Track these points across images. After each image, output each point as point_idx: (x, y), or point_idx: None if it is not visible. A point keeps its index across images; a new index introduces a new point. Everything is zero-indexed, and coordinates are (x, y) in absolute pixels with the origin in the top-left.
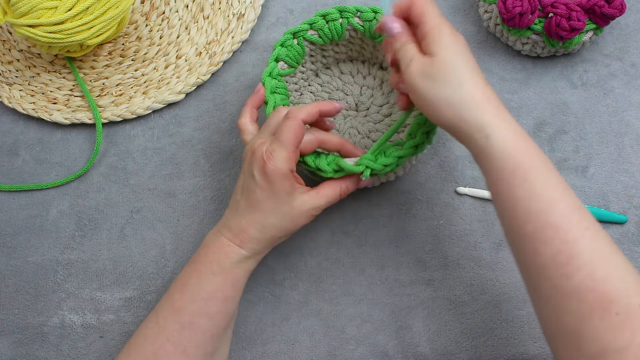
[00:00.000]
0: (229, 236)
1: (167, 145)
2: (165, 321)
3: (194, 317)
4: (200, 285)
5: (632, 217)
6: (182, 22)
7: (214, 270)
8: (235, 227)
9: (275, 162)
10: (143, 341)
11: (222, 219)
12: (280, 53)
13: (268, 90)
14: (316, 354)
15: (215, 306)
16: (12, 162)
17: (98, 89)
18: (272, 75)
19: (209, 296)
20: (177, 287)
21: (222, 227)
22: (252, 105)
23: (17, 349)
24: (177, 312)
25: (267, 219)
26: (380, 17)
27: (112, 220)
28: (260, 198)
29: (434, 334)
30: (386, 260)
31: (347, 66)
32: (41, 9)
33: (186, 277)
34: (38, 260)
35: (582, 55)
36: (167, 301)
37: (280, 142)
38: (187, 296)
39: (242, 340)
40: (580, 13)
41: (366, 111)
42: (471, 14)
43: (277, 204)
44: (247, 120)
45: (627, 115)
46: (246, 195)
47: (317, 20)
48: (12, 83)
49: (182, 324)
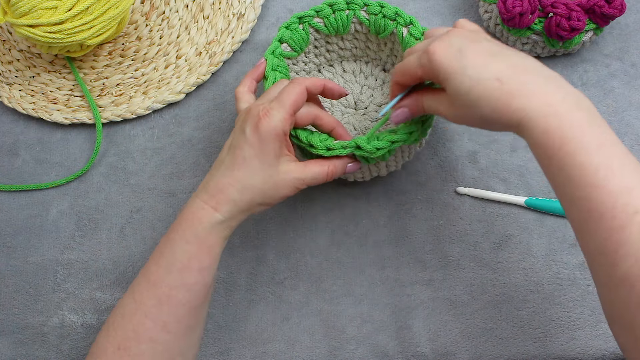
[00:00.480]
0: (205, 198)
1: (167, 145)
2: (141, 296)
3: (171, 290)
4: (175, 256)
5: None
6: (182, 22)
7: (188, 239)
8: (213, 187)
9: (271, 120)
10: (121, 319)
11: (202, 183)
12: (284, 34)
13: (269, 66)
14: (316, 354)
15: (193, 277)
16: (12, 162)
17: (98, 89)
18: (274, 54)
19: (183, 266)
20: (153, 259)
21: (200, 189)
22: (251, 76)
23: (17, 349)
24: (153, 286)
25: (250, 179)
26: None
27: (112, 220)
28: (246, 155)
29: (434, 334)
30: (386, 261)
31: (350, 65)
32: (41, 9)
33: (161, 247)
34: (38, 260)
35: (582, 55)
36: (143, 275)
37: (280, 102)
38: (163, 268)
39: (243, 340)
40: (580, 13)
41: (364, 109)
42: (471, 14)
43: (263, 164)
44: (245, 89)
45: (627, 115)
46: (232, 152)
47: (323, 8)
48: (12, 83)
49: (160, 298)
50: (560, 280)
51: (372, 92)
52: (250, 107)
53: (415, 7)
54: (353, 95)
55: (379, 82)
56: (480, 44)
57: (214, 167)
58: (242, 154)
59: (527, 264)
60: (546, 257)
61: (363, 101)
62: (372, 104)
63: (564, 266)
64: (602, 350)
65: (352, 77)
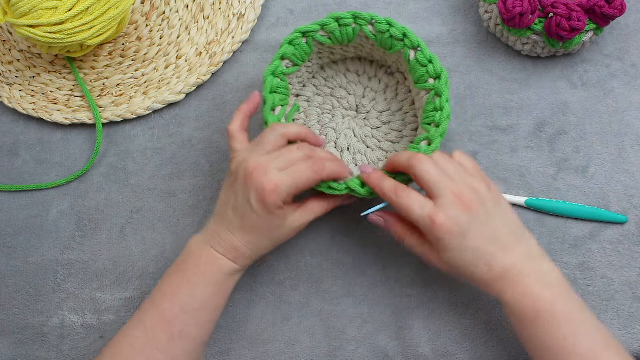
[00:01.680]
0: (221, 250)
1: (167, 145)
2: (153, 331)
3: (185, 327)
4: (192, 296)
5: (632, 217)
6: (182, 22)
7: (207, 282)
8: (227, 243)
9: (278, 197)
10: (130, 350)
11: (209, 228)
12: (287, 51)
13: (268, 89)
14: (316, 354)
15: (206, 315)
16: (12, 162)
17: (98, 89)
18: (274, 74)
19: (200, 306)
20: (164, 296)
21: (211, 238)
22: (244, 112)
23: (17, 349)
24: (167, 323)
25: (261, 241)
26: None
27: (112, 220)
28: (256, 224)
29: (435, 335)
30: (387, 261)
31: (354, 64)
32: (41, 9)
33: (174, 286)
34: (38, 260)
35: (582, 55)
36: (154, 310)
37: (292, 180)
38: (178, 306)
39: (243, 340)
40: (580, 13)
41: (366, 114)
42: (471, 14)
43: (272, 228)
44: (237, 127)
45: (627, 115)
46: (240, 217)
47: (329, 22)
48: (12, 83)
49: (173, 334)
50: None
51: (374, 95)
52: (249, 170)
53: (415, 7)
54: (355, 97)
55: (382, 85)
56: (484, 226)
57: (221, 220)
58: (250, 222)
59: None
60: None
61: (364, 105)
62: (373, 110)
63: (564, 266)
64: None
65: (355, 77)
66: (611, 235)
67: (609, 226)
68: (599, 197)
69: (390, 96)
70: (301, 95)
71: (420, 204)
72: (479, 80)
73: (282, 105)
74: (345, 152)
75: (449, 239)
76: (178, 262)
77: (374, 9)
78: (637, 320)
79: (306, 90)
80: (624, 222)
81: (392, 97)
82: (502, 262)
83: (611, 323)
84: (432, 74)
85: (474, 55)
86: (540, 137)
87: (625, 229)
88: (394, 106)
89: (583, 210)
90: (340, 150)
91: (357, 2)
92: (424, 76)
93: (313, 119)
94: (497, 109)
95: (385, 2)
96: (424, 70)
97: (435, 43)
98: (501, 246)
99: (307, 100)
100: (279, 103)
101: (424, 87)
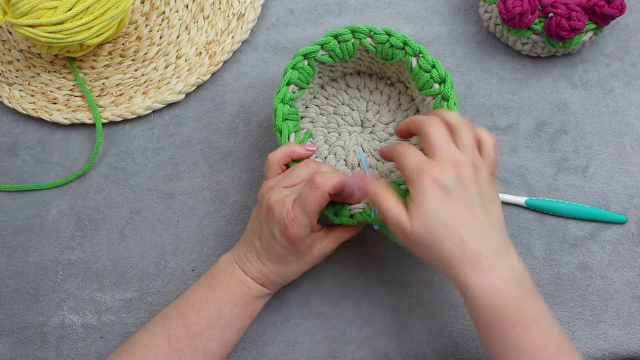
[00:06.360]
0: (252, 275)
1: (166, 146)
2: (178, 342)
3: (209, 342)
4: (220, 313)
5: (632, 217)
6: (182, 22)
7: (236, 301)
8: (257, 272)
9: (298, 230)
10: (153, 358)
11: (240, 250)
12: (292, 76)
13: (280, 117)
14: (317, 356)
15: (231, 333)
16: (12, 162)
17: (98, 89)
18: (284, 101)
19: (227, 323)
20: (192, 310)
21: (241, 262)
22: (292, 151)
23: (17, 349)
24: (192, 336)
25: (289, 270)
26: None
27: (112, 220)
28: (282, 254)
29: (435, 336)
30: (387, 262)
31: (354, 79)
32: (41, 9)
33: (203, 301)
34: (38, 260)
35: (582, 55)
36: (180, 322)
37: (305, 213)
38: (205, 321)
39: (243, 341)
40: (580, 13)
41: (372, 128)
42: (471, 14)
43: (299, 256)
44: (277, 159)
45: (627, 115)
46: (267, 249)
47: (329, 41)
48: (12, 83)
49: (197, 347)
50: (560, 281)
51: (378, 108)
52: (271, 203)
53: (415, 7)
54: (359, 112)
55: (385, 97)
56: (471, 201)
57: (250, 250)
58: (276, 252)
59: (527, 264)
60: (546, 257)
61: (370, 119)
62: (379, 123)
63: (564, 266)
64: (602, 350)
65: (356, 93)
66: (611, 235)
67: (609, 226)
68: (599, 197)
69: (394, 107)
70: (305, 117)
71: (417, 155)
72: (479, 80)
73: (296, 132)
74: (357, 169)
75: (432, 193)
76: (207, 277)
77: (374, 9)
78: (637, 320)
79: (310, 112)
80: (624, 222)
81: (395, 107)
82: (477, 246)
83: (611, 323)
84: (437, 79)
85: (474, 56)
86: (540, 137)
87: (625, 229)
88: (399, 116)
89: (583, 210)
90: (351, 167)
91: (357, 3)
92: (428, 82)
93: (320, 139)
94: (497, 109)
95: (385, 2)
96: (428, 77)
97: (435, 43)
98: (480, 229)
99: (312, 121)
100: (292, 130)
101: (430, 93)
